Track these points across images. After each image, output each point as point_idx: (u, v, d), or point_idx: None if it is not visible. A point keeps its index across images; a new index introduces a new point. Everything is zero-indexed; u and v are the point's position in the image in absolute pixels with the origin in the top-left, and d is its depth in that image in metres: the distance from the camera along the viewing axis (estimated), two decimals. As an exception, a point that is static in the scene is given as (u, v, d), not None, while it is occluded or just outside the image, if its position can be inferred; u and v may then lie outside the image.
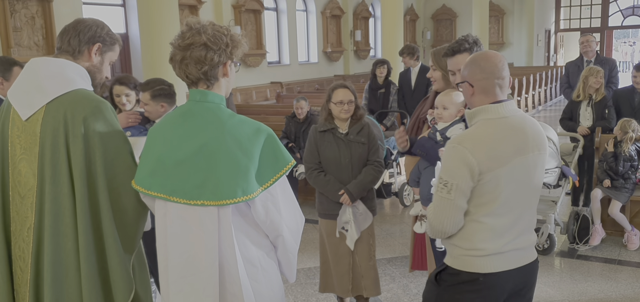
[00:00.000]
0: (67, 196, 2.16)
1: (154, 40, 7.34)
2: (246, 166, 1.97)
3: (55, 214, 2.17)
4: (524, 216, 2.28)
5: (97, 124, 2.17)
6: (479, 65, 2.25)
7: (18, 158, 2.22)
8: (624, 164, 5.22)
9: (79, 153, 2.14)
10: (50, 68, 2.23)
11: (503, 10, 21.46)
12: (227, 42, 2.05)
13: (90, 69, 2.32)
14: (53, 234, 2.17)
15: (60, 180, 2.16)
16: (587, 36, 6.93)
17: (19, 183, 2.23)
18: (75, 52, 2.28)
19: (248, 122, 2.06)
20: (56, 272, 2.19)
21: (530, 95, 14.80)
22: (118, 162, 2.22)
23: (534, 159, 2.24)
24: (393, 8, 12.17)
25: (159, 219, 2.10)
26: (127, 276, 2.25)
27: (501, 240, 2.21)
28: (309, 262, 5.21)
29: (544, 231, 5.15)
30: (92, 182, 2.18)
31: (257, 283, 2.11)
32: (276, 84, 14.34)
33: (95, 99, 2.22)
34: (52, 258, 2.18)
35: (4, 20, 8.26)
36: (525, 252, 2.31)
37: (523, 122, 2.24)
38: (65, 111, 2.16)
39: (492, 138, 2.17)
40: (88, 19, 2.34)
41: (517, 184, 2.20)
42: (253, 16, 13.70)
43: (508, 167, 2.15)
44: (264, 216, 2.06)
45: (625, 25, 23.40)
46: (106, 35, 2.35)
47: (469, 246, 2.22)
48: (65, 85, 2.20)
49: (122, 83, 4.00)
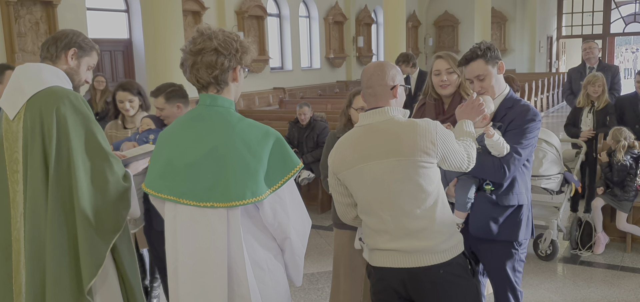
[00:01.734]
0: (40, 180, 2.43)
1: (157, 46, 7.38)
2: (255, 168, 2.01)
3: (32, 197, 2.45)
4: (399, 219, 2.37)
5: (67, 112, 2.44)
6: (361, 76, 2.53)
7: (11, 154, 2.53)
8: (619, 174, 5.14)
9: (51, 140, 2.42)
10: (29, 72, 2.55)
11: (505, 17, 21.49)
12: (237, 47, 2.09)
13: (68, 72, 2.61)
14: (31, 215, 2.46)
15: (35, 166, 2.44)
16: (590, 43, 6.93)
17: (13, 175, 2.53)
18: (54, 57, 2.59)
19: (257, 125, 2.10)
20: (33, 250, 2.46)
21: (532, 101, 14.81)
22: (89, 146, 2.48)
23: (388, 165, 2.34)
24: (395, 14, 12.21)
25: (168, 222, 2.14)
26: (96, 253, 2.44)
27: (379, 238, 2.43)
28: (312, 268, 5.22)
29: (547, 237, 5.15)
30: (64, 166, 2.43)
31: (264, 285, 2.13)
32: (279, 90, 14.38)
33: (66, 91, 2.50)
34: (30, 237, 2.47)
35: (9, 26, 8.30)
36: (410, 256, 2.38)
37: (381, 130, 2.39)
38: (40, 105, 2.45)
39: (346, 143, 2.47)
40: (66, 30, 2.67)
41: (369, 188, 2.40)
42: (256, 22, 13.75)
43: (353, 171, 2.41)
44: (272, 218, 2.09)
45: (627, 32, 23.42)
46: (82, 42, 2.64)
47: (364, 240, 2.59)
48: (42, 84, 2.49)
49: (125, 89, 4.01)
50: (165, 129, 2.26)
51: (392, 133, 2.36)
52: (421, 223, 2.36)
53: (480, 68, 2.84)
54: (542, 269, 5.02)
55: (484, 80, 2.85)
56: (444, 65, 3.23)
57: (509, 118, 2.84)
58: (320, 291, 4.74)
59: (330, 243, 5.94)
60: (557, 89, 17.43)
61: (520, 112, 2.83)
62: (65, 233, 2.44)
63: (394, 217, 2.38)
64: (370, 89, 2.43)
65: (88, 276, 2.43)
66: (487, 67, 2.84)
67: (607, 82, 6.58)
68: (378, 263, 2.46)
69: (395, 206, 2.37)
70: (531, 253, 5.17)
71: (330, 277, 4.96)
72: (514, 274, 2.96)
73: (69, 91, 2.51)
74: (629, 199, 5.19)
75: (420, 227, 2.37)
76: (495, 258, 2.94)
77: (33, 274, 2.47)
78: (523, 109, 2.85)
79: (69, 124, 2.43)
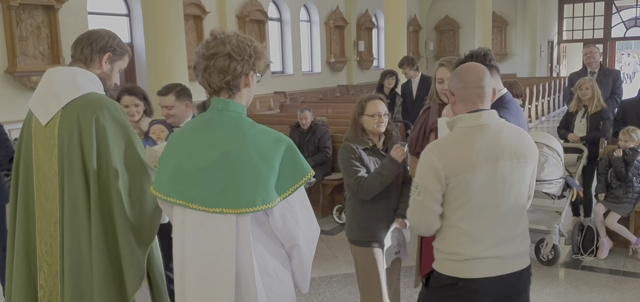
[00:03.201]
0: (81, 191, 2.36)
1: (159, 50, 7.38)
2: (266, 175, 1.99)
3: (71, 208, 2.38)
4: (505, 223, 2.33)
5: (107, 122, 2.38)
6: (459, 75, 2.38)
7: (41, 161, 2.44)
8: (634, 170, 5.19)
9: (91, 150, 2.35)
10: (63, 76, 2.45)
11: (506, 21, 21.51)
12: (250, 52, 2.07)
13: (101, 76, 2.52)
14: (70, 226, 2.38)
15: (75, 176, 2.36)
16: (591, 47, 6.94)
17: (44, 183, 2.44)
18: (88, 60, 2.49)
19: (269, 131, 2.08)
20: (74, 262, 2.39)
21: (533, 105, 14.80)
22: (128, 157, 2.42)
23: (509, 168, 2.30)
24: (396, 19, 12.22)
25: (176, 226, 2.11)
26: (138, 264, 2.41)
27: (479, 245, 2.28)
28: (313, 272, 5.18)
29: (549, 242, 5.14)
30: (104, 177, 2.37)
31: (272, 293, 2.10)
32: (280, 94, 14.38)
33: (105, 100, 2.43)
34: (69, 249, 2.39)
35: (10, 30, 8.30)
36: (508, 261, 2.34)
37: (499, 132, 2.32)
38: (78, 113, 2.37)
39: (461, 145, 2.29)
40: (101, 30, 2.55)
41: (489, 190, 2.27)
42: (257, 26, 13.76)
43: (476, 173, 2.25)
44: (282, 225, 2.07)
45: (627, 36, 23.42)
46: (117, 46, 2.54)
47: (448, 250, 2.33)
48: (77, 90, 2.41)
49: (131, 93, 3.98)
50: (176, 132, 2.23)
51: (507, 134, 2.33)
52: (521, 227, 2.40)
53: None
54: (543, 274, 5.01)
55: None
56: (446, 74, 3.26)
57: None
58: (322, 296, 4.73)
59: (332, 247, 5.93)
60: (558, 93, 17.42)
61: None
62: (107, 246, 2.39)
63: (506, 221, 2.33)
64: (480, 90, 2.33)
65: (133, 287, 2.40)
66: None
67: (609, 86, 6.58)
68: (477, 274, 2.29)
69: (513, 208, 2.34)
70: (533, 258, 5.16)
71: (331, 282, 4.96)
72: None
73: (107, 100, 2.44)
74: (631, 200, 5.21)
75: (520, 231, 2.40)
76: None
77: (74, 287, 2.40)
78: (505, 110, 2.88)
79: (108, 134, 2.37)
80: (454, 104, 2.40)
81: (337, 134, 7.23)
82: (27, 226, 2.50)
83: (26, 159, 2.50)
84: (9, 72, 8.37)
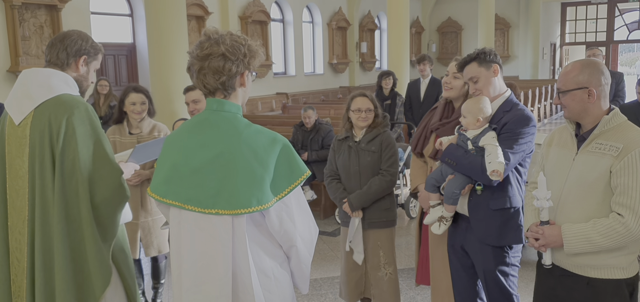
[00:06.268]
0: (51, 189, 2.42)
1: (161, 50, 7.37)
2: (261, 175, 1.97)
3: (42, 206, 2.43)
4: None
5: (77, 123, 2.42)
6: (601, 71, 2.37)
7: (13, 159, 2.50)
8: None
9: (60, 150, 2.40)
10: (38, 77, 2.51)
11: (509, 24, 21.50)
12: (245, 52, 2.05)
13: (77, 78, 2.58)
14: (41, 224, 2.44)
15: (46, 175, 2.42)
16: (594, 50, 6.91)
17: (15, 181, 2.50)
18: (64, 64, 2.55)
19: (264, 132, 2.06)
20: (45, 259, 2.44)
21: (536, 108, 14.79)
22: (96, 157, 2.46)
23: None
24: (399, 20, 12.22)
25: (173, 228, 2.11)
26: (105, 266, 2.45)
27: None
28: (315, 273, 5.20)
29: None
30: (71, 176, 2.41)
31: (270, 293, 2.09)
32: (282, 95, 14.38)
33: (77, 101, 2.48)
34: (41, 246, 2.44)
35: (13, 29, 8.32)
36: None
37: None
38: (49, 114, 2.42)
39: None
40: (73, 33, 2.60)
41: None
42: (259, 27, 13.77)
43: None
44: (278, 226, 2.05)
45: (630, 39, 23.40)
46: (90, 48, 2.61)
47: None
48: (51, 91, 2.46)
49: (138, 91, 3.96)
50: (172, 133, 2.21)
51: None
52: None
53: (473, 70, 2.95)
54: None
55: (477, 82, 2.94)
56: (453, 69, 3.29)
57: (504, 121, 2.88)
58: (324, 297, 4.73)
59: (334, 248, 5.92)
60: (561, 95, 17.36)
61: (515, 117, 2.86)
62: (69, 243, 2.42)
63: None
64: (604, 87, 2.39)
65: (101, 286, 2.44)
66: (480, 69, 2.93)
67: (612, 89, 6.56)
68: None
69: None
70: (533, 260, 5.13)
71: (333, 283, 4.95)
72: (507, 279, 2.97)
73: (79, 101, 2.48)
74: None
75: None
76: (486, 261, 2.97)
77: (46, 282, 2.44)
78: (518, 113, 2.88)
79: (77, 134, 2.41)
80: (595, 100, 2.36)
81: (340, 135, 7.21)
82: (4, 222, 2.55)
83: (1, 157, 2.55)
84: (11, 71, 8.39)
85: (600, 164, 2.31)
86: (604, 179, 2.30)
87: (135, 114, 3.92)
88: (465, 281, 3.14)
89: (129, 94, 3.95)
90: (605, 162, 2.29)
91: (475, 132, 2.85)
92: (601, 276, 2.36)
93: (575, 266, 2.41)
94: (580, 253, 2.35)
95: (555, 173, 2.50)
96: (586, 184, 2.34)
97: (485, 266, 2.97)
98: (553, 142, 2.59)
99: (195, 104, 3.84)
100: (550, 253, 2.47)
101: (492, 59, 2.95)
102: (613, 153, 2.29)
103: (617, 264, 2.34)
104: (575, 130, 2.48)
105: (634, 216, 2.23)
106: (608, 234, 2.26)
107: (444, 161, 2.94)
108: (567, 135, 2.52)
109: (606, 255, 2.33)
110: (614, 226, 2.26)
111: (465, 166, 2.83)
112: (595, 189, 2.32)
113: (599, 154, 2.32)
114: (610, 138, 2.34)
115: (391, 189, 3.73)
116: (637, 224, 2.24)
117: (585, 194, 2.35)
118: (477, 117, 2.85)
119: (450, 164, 2.90)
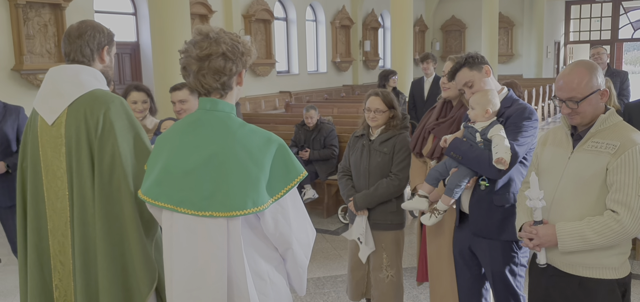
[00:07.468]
0: (89, 188, 2.36)
1: (165, 49, 7.39)
2: (257, 176, 1.90)
3: (81, 205, 2.37)
4: None
5: (114, 117, 2.37)
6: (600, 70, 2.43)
7: (50, 160, 2.43)
8: None
9: (98, 146, 2.34)
10: (66, 74, 2.44)
11: (512, 22, 21.44)
12: (242, 50, 2.00)
13: (103, 70, 2.55)
14: (80, 224, 2.37)
15: (83, 173, 2.36)
16: (598, 48, 6.90)
17: (54, 182, 2.43)
18: (90, 59, 2.49)
19: (259, 132, 2.00)
20: (85, 259, 2.38)
21: (540, 106, 14.76)
22: (137, 150, 2.41)
23: None
24: (402, 18, 12.18)
25: (165, 231, 2.03)
26: (150, 263, 2.38)
27: None
28: (317, 272, 5.20)
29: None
30: (112, 172, 2.35)
31: (266, 297, 2.03)
32: (285, 94, 14.38)
33: (110, 96, 2.43)
34: (80, 246, 2.38)
35: (17, 28, 8.34)
36: None
37: None
38: (84, 110, 2.37)
39: None
40: (86, 27, 2.50)
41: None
42: (263, 26, 13.77)
43: None
44: (273, 228, 1.99)
45: (635, 37, 23.31)
46: (108, 36, 2.56)
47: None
48: (82, 88, 2.41)
49: (140, 89, 3.98)
50: (163, 134, 2.13)
51: None
52: None
53: (465, 76, 2.97)
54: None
55: (472, 86, 2.96)
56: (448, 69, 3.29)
57: (507, 115, 2.90)
58: (326, 296, 4.72)
59: (336, 247, 5.92)
60: (565, 94, 17.31)
61: (517, 110, 2.88)
62: (110, 241, 2.35)
63: None
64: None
65: (148, 284, 2.37)
66: (472, 73, 2.96)
67: (616, 88, 6.54)
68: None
69: None
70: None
71: (336, 282, 4.95)
72: (514, 279, 2.96)
73: (113, 95, 2.43)
74: None
75: None
76: (493, 259, 2.96)
77: (86, 285, 2.38)
78: (521, 107, 2.90)
79: (115, 128, 2.35)
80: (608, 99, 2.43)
81: (343, 134, 7.21)
82: (38, 227, 2.48)
83: (33, 160, 2.47)
84: (15, 69, 8.41)
85: (596, 161, 2.31)
86: (600, 176, 2.30)
87: (136, 113, 3.93)
88: (471, 283, 3.14)
89: (130, 93, 3.97)
90: (602, 159, 2.30)
91: (483, 124, 2.86)
92: (593, 275, 2.36)
93: (568, 265, 2.41)
94: (574, 251, 2.34)
95: (550, 171, 2.50)
96: (582, 181, 2.34)
97: (494, 266, 2.95)
98: (547, 142, 2.60)
99: (182, 103, 3.77)
100: (545, 253, 2.47)
101: (481, 60, 2.98)
102: (610, 150, 2.29)
103: (609, 264, 2.34)
104: (571, 129, 2.48)
105: (629, 213, 2.23)
106: (602, 232, 2.26)
107: (449, 155, 2.94)
108: (563, 134, 2.52)
109: (599, 254, 2.33)
110: (608, 223, 2.26)
111: (472, 160, 2.83)
112: (590, 187, 2.32)
113: (595, 151, 2.33)
114: (607, 136, 2.34)
115: (399, 193, 3.67)
116: (632, 221, 2.24)
117: (581, 191, 2.35)
118: (486, 108, 2.85)
119: (455, 158, 2.90)
